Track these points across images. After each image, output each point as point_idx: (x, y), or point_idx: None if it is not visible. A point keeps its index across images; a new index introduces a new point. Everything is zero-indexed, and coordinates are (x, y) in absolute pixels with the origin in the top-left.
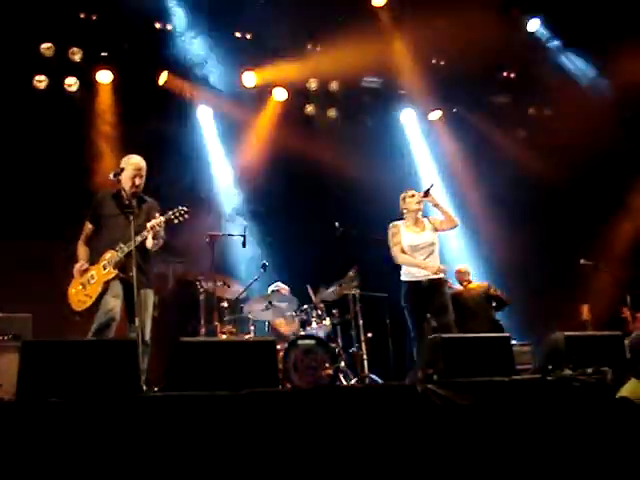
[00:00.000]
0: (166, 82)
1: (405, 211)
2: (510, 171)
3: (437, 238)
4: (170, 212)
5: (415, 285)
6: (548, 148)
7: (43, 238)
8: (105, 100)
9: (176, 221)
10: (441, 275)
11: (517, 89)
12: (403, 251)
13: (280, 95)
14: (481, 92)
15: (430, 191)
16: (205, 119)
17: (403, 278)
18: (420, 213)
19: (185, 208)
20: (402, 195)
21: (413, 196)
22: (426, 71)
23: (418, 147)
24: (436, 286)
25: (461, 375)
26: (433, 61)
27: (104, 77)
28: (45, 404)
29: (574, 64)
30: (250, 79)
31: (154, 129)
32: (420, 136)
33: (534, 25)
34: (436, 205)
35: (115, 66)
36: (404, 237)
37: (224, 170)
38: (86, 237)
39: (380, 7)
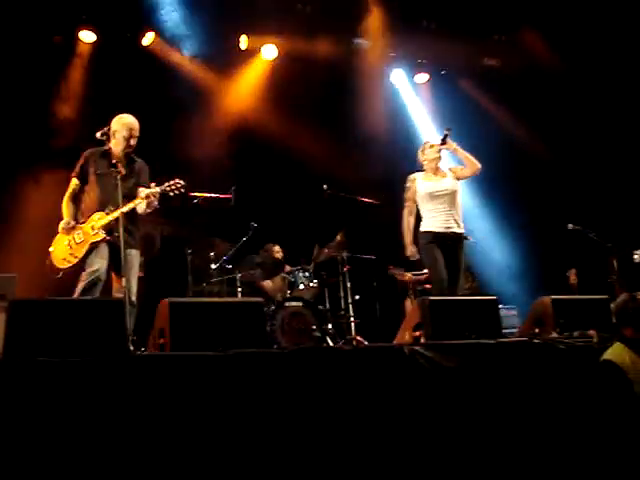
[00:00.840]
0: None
1: (425, 162)
2: (497, 137)
3: (459, 186)
4: (167, 184)
5: (434, 236)
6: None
7: None
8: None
9: (171, 194)
10: (462, 231)
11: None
12: (410, 212)
13: (269, 54)
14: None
15: (447, 138)
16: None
17: (421, 228)
18: (439, 162)
19: (182, 182)
20: (420, 147)
21: (432, 146)
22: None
23: (411, 107)
24: (455, 242)
25: (448, 337)
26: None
27: (87, 37)
28: (33, 363)
29: None
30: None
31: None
32: (413, 96)
33: None
34: (455, 150)
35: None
36: (421, 186)
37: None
38: (72, 194)
39: None
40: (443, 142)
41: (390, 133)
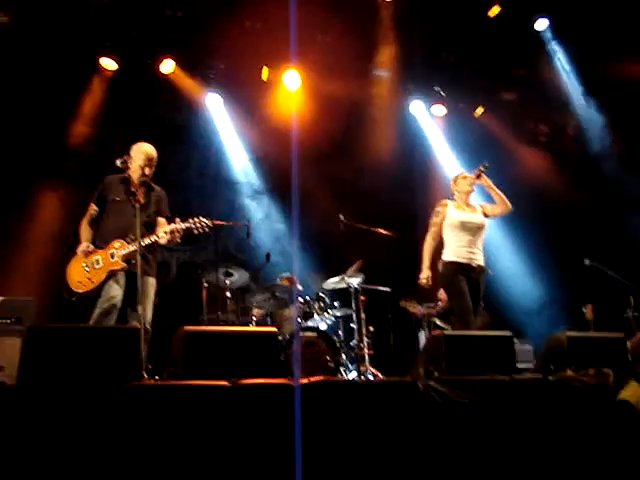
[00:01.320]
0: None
1: (457, 193)
2: (515, 169)
3: (486, 224)
4: (192, 221)
5: (459, 267)
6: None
7: None
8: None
9: (195, 232)
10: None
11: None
12: (434, 237)
13: (292, 84)
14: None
15: (483, 173)
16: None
17: (445, 258)
18: (471, 196)
19: (208, 222)
20: (454, 177)
21: (465, 178)
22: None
23: (431, 137)
24: (478, 275)
25: (462, 373)
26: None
27: (108, 64)
28: (46, 390)
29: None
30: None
31: (161, 116)
32: (432, 127)
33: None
34: (489, 187)
35: (119, 54)
36: (454, 213)
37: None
38: (90, 218)
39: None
40: (478, 176)
41: (407, 163)
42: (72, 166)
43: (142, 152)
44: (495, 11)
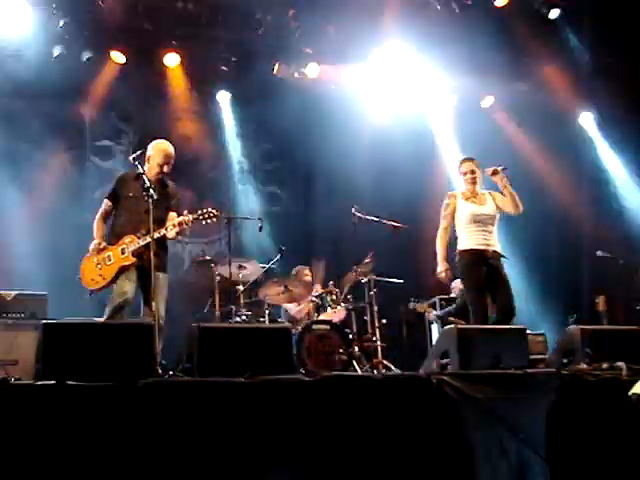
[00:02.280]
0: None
1: (463, 181)
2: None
3: (497, 214)
4: (199, 212)
5: (475, 254)
6: None
7: None
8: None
9: (204, 222)
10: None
11: None
12: (446, 230)
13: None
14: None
15: (500, 173)
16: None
17: (460, 247)
18: (477, 182)
19: (214, 211)
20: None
21: (466, 162)
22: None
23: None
24: (496, 260)
25: (476, 366)
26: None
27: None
28: (63, 387)
29: None
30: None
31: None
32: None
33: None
34: (504, 187)
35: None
36: (463, 207)
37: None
38: (103, 215)
39: None
40: (494, 173)
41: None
42: None
43: (161, 150)
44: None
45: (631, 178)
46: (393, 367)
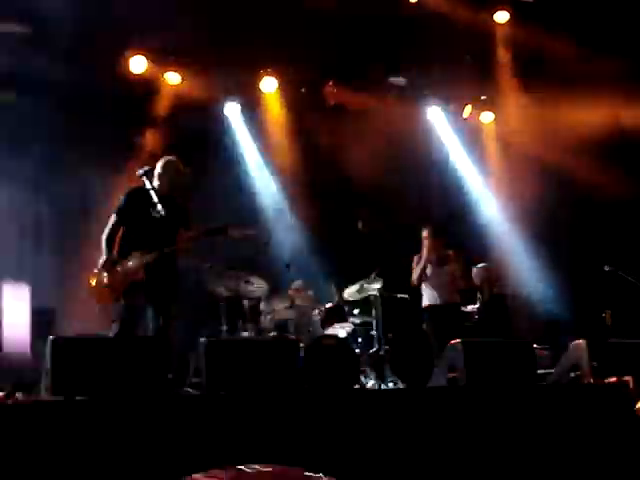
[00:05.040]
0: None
1: None
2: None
3: None
4: (207, 228)
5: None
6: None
7: None
8: None
9: (211, 237)
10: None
11: None
12: None
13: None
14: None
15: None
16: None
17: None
18: None
19: (223, 228)
20: None
21: None
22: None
23: (449, 144)
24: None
25: (483, 380)
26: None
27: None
28: (73, 402)
29: None
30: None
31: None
32: (451, 134)
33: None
34: None
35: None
36: None
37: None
38: (112, 230)
39: None
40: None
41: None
42: None
43: (171, 168)
44: None
45: None
46: (399, 381)
